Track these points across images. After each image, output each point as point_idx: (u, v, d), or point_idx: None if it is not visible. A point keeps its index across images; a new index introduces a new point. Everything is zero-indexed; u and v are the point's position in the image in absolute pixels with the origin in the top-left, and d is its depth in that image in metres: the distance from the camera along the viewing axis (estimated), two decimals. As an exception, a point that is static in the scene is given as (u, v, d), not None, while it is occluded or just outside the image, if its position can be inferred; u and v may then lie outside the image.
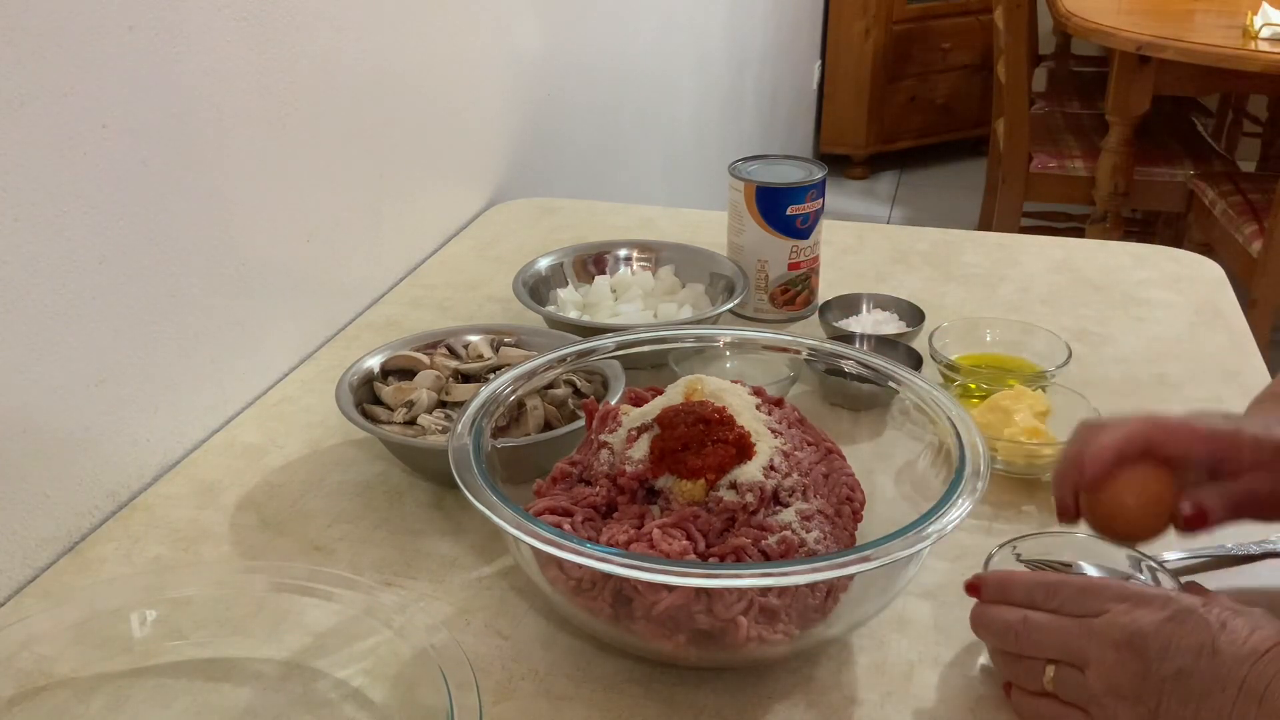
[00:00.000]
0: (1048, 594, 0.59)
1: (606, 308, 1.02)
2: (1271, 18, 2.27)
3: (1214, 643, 0.53)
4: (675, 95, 2.16)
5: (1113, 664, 0.55)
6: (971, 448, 0.63)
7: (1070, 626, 0.57)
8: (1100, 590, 0.58)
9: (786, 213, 1.01)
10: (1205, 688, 0.52)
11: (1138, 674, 0.54)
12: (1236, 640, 0.53)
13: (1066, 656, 0.57)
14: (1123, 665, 0.54)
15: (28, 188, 0.68)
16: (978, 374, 0.90)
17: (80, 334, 0.74)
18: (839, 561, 0.55)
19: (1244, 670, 0.52)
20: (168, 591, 0.65)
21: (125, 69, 0.75)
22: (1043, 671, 0.58)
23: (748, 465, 0.62)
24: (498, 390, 0.71)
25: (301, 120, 0.95)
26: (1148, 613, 0.55)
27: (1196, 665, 0.53)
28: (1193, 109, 3.08)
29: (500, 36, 1.33)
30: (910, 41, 3.80)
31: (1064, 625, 0.57)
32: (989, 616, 0.61)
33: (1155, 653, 0.54)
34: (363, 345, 0.97)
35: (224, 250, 0.87)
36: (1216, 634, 0.53)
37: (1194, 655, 0.53)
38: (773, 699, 0.62)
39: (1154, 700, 0.53)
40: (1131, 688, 0.54)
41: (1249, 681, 0.51)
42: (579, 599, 0.60)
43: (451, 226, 1.27)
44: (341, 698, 0.61)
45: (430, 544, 0.75)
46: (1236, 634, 0.53)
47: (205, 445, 0.86)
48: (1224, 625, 0.54)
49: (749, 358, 0.80)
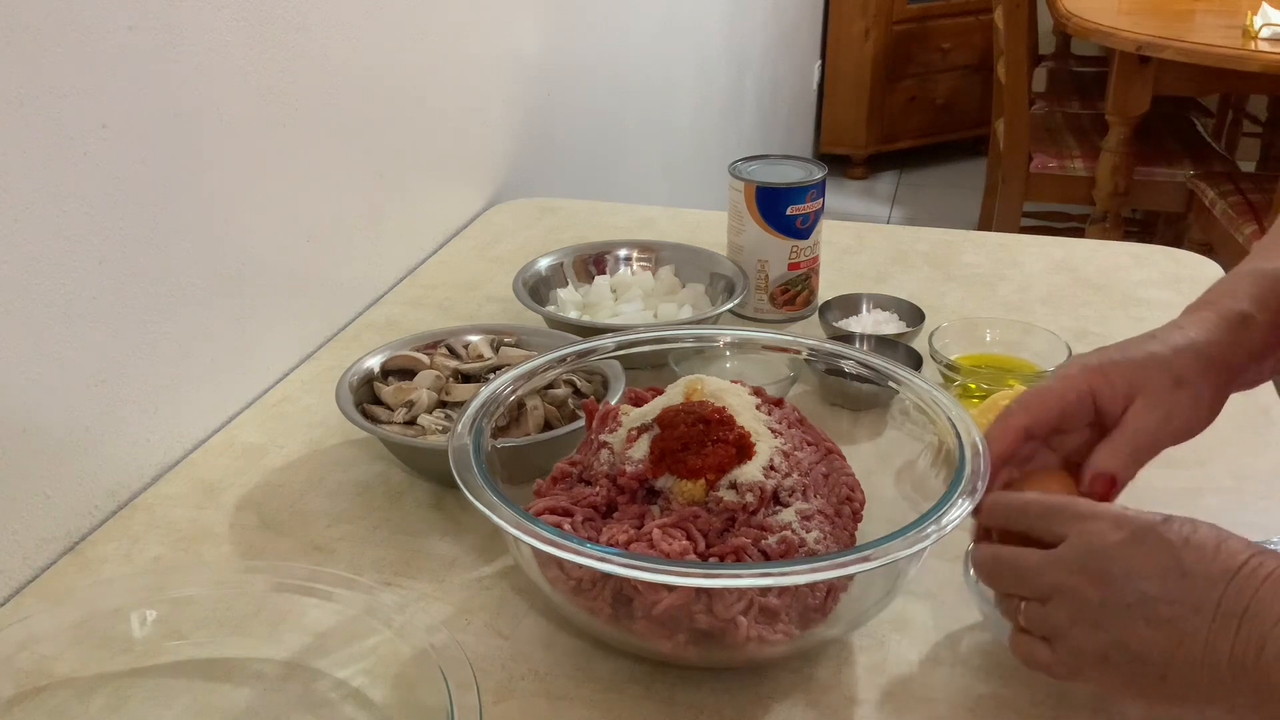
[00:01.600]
0: (1016, 515, 0.58)
1: (606, 308, 1.02)
2: (1271, 18, 2.27)
3: (1180, 564, 0.51)
4: (675, 95, 2.16)
5: (1072, 593, 0.53)
6: (971, 448, 0.63)
7: (1030, 560, 0.55)
8: (1060, 510, 0.56)
9: (786, 213, 1.01)
10: (1175, 613, 0.50)
11: (1098, 601, 0.52)
12: (1205, 558, 0.51)
13: (1031, 592, 0.55)
14: (1082, 593, 0.53)
15: (28, 188, 0.68)
16: (978, 374, 0.90)
17: (80, 334, 0.74)
18: (839, 561, 0.55)
19: (1218, 591, 0.49)
20: (168, 591, 0.65)
21: (125, 69, 0.75)
22: (1018, 608, 0.56)
23: (748, 465, 0.62)
24: (498, 390, 0.71)
25: (301, 120, 0.95)
26: (1104, 534, 0.53)
27: (1164, 589, 0.51)
28: (1193, 109, 3.08)
29: (501, 37, 1.33)
30: (910, 41, 3.80)
31: (1024, 560, 0.56)
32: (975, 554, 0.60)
33: (1117, 577, 0.52)
34: (363, 345, 0.97)
35: (224, 250, 0.87)
36: (1181, 552, 0.51)
37: (1159, 579, 0.51)
38: (773, 699, 0.62)
39: (1118, 627, 0.51)
40: (1093, 616, 0.52)
41: (1225, 602, 0.49)
42: (579, 599, 0.60)
43: (451, 226, 1.27)
44: (341, 698, 0.61)
45: (430, 544, 0.75)
46: (1204, 550, 0.51)
47: (205, 445, 0.86)
48: (1187, 541, 0.51)
49: (749, 358, 0.80)
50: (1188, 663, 0.50)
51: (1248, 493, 0.79)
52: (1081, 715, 0.61)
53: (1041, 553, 0.55)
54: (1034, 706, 0.61)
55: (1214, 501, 0.78)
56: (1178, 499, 0.78)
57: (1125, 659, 0.52)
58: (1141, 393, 0.62)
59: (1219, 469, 0.82)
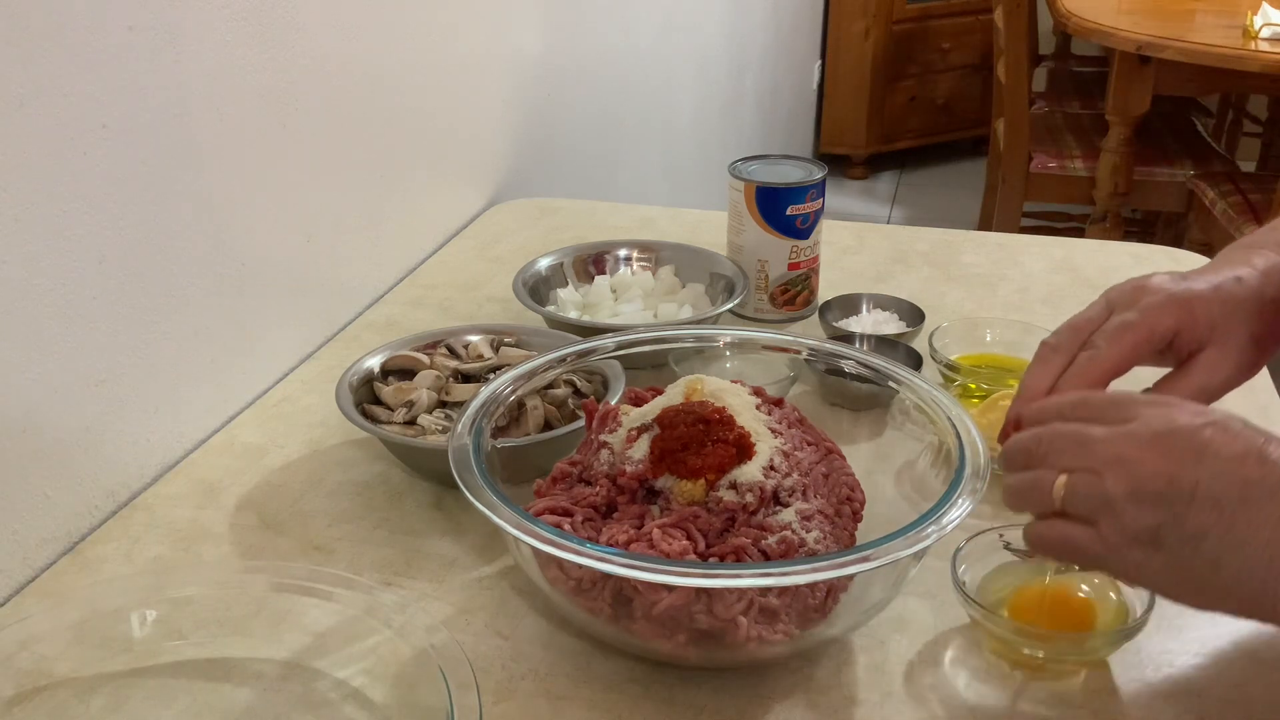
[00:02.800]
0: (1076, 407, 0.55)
1: (606, 308, 1.02)
2: (1271, 18, 2.27)
3: (1262, 450, 0.48)
4: (675, 95, 2.16)
5: (1137, 463, 0.50)
6: (971, 448, 0.63)
7: (1093, 431, 0.53)
8: (1131, 400, 0.53)
9: (786, 213, 1.01)
10: (1246, 493, 0.47)
11: (1165, 475, 0.49)
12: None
13: (1085, 462, 0.52)
14: (1149, 465, 0.50)
15: (28, 188, 0.68)
16: (978, 374, 0.90)
17: (80, 334, 0.74)
18: (839, 561, 0.55)
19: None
20: (168, 591, 0.65)
21: (125, 69, 0.75)
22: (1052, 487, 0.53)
23: (748, 465, 0.62)
24: (498, 390, 0.71)
25: (301, 120, 0.95)
26: (1185, 416, 0.51)
27: (1240, 470, 0.48)
28: (1193, 109, 3.08)
29: (501, 36, 1.33)
30: (910, 41, 3.80)
31: (1086, 430, 0.53)
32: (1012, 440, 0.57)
33: (1191, 454, 0.49)
34: (363, 345, 0.97)
35: (224, 250, 0.87)
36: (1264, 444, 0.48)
37: (1237, 460, 0.48)
38: (773, 699, 0.62)
39: (1180, 505, 0.49)
40: (1155, 490, 0.49)
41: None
42: (579, 599, 0.60)
43: (451, 226, 1.27)
44: (341, 698, 0.61)
45: (430, 544, 0.75)
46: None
47: (205, 445, 0.86)
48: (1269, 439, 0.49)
49: (749, 358, 0.80)
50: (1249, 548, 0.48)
51: (1248, 493, 0.79)
52: (1082, 715, 0.61)
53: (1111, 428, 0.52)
54: (1034, 706, 0.61)
55: (1214, 501, 0.78)
56: (1178, 499, 0.78)
57: (1178, 540, 0.49)
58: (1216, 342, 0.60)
59: (1219, 469, 0.81)
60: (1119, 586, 0.65)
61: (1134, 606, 0.63)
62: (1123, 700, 0.62)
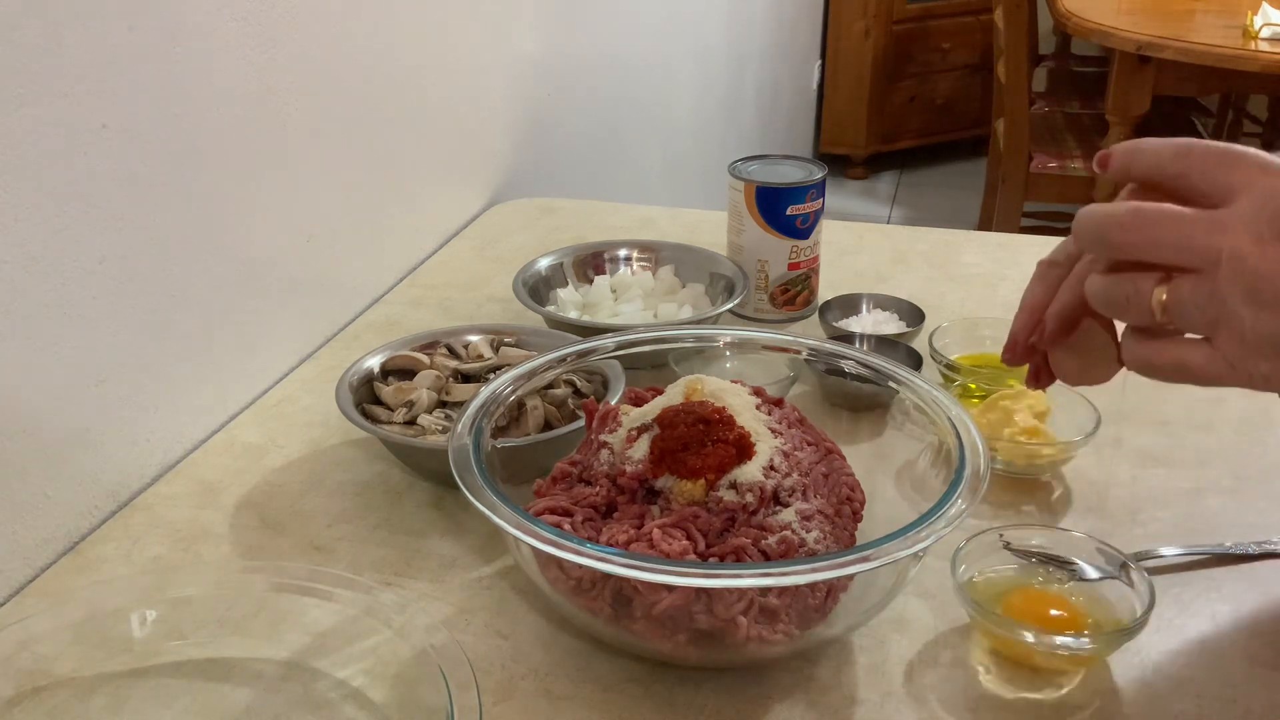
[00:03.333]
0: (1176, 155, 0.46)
1: (606, 308, 1.02)
2: (1271, 18, 2.27)
3: None
4: (675, 95, 2.16)
5: (1258, 258, 0.42)
6: (971, 448, 0.63)
7: (1194, 216, 0.44)
8: (1239, 158, 0.45)
9: (786, 213, 1.01)
10: None
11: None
12: None
13: (1189, 258, 0.44)
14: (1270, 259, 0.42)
15: (28, 188, 0.68)
16: (978, 374, 0.90)
17: (80, 334, 0.74)
18: (839, 561, 0.55)
19: None
20: (168, 591, 0.65)
21: (125, 69, 0.75)
22: (1150, 295, 0.45)
23: (748, 465, 0.62)
24: (498, 390, 0.71)
25: (301, 120, 0.95)
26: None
27: None
28: (1193, 109, 3.08)
29: (500, 36, 1.33)
30: (910, 41, 3.80)
31: (1185, 214, 0.44)
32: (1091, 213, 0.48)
33: None
34: (363, 345, 0.97)
35: (224, 250, 0.87)
36: None
37: None
38: (773, 699, 0.62)
39: None
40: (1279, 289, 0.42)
41: None
42: (579, 599, 0.60)
43: (451, 226, 1.27)
44: (341, 698, 0.61)
45: (430, 544, 0.75)
46: None
47: (205, 445, 0.86)
48: None
49: (749, 358, 0.80)
50: None
51: (1247, 493, 0.79)
52: (1082, 715, 0.61)
53: (1212, 211, 0.44)
54: (1035, 707, 0.61)
55: (1214, 502, 0.78)
56: (1178, 499, 0.78)
57: None
58: None
59: (1219, 469, 0.82)
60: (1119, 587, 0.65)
61: (1134, 606, 0.63)
62: (1123, 700, 0.62)
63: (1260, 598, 0.69)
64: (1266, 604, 0.68)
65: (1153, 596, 0.62)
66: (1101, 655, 0.63)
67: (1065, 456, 0.80)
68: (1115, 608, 0.64)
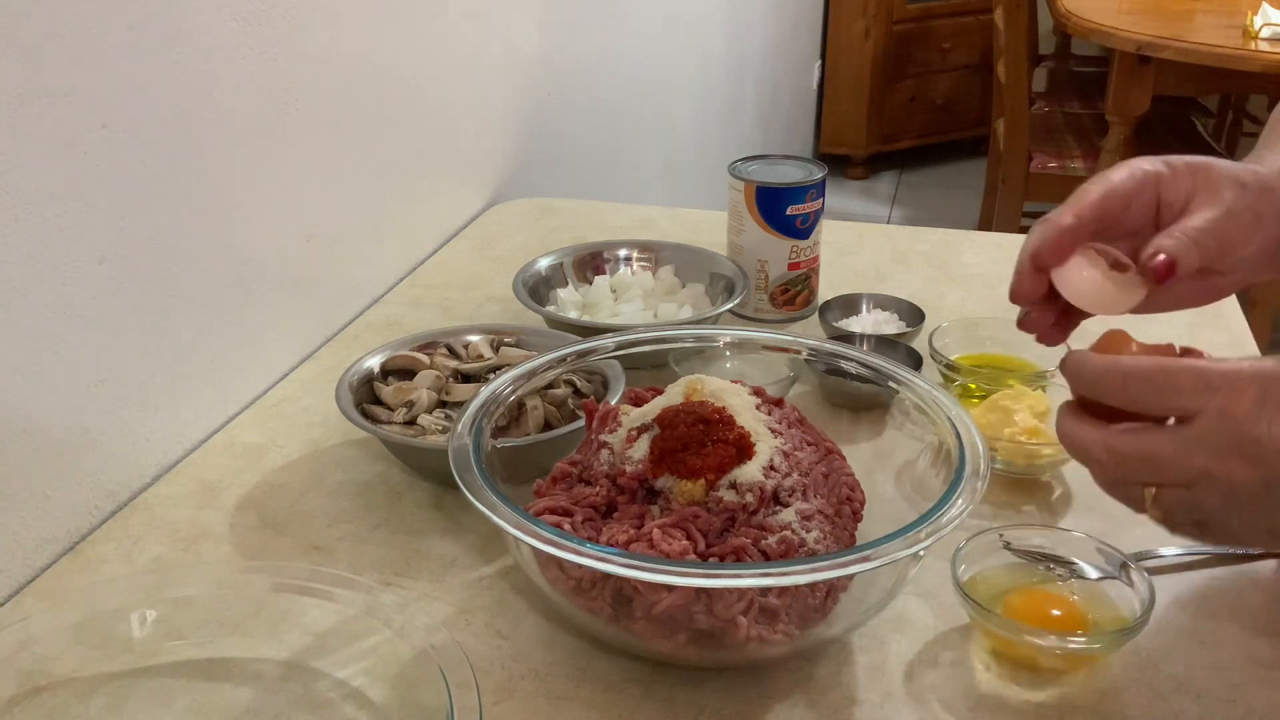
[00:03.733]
0: (1121, 385, 0.52)
1: (606, 308, 1.02)
2: (1271, 18, 2.27)
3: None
4: (675, 95, 2.16)
5: (1224, 479, 0.49)
6: (971, 448, 0.63)
7: (1165, 449, 0.50)
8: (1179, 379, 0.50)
9: (786, 213, 1.01)
10: None
11: (1256, 482, 0.48)
12: None
13: (1172, 480, 0.51)
14: (1237, 476, 0.48)
15: (28, 188, 0.68)
16: (978, 374, 0.90)
17: (80, 334, 0.74)
18: (839, 561, 0.55)
19: None
20: (168, 591, 0.65)
21: (125, 69, 0.75)
22: (1142, 495, 0.52)
23: (748, 465, 0.62)
24: (498, 390, 0.71)
25: (301, 120, 0.95)
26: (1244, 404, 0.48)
27: None
28: (1193, 109, 3.08)
29: (500, 36, 1.33)
30: (910, 41, 3.80)
31: (1159, 450, 0.50)
32: (1070, 438, 0.55)
33: (1272, 456, 0.47)
34: (363, 345, 0.97)
35: (224, 250, 0.87)
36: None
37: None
38: (773, 699, 0.62)
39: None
40: (1253, 496, 0.48)
41: None
42: (579, 599, 0.60)
43: (451, 226, 1.27)
44: (341, 698, 0.61)
45: (430, 544, 0.75)
46: None
47: (205, 445, 0.86)
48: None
49: (749, 358, 0.80)
50: None
51: (1248, 493, 0.79)
52: (1082, 715, 0.61)
53: (1174, 438, 0.50)
54: (1034, 707, 0.61)
55: (1214, 501, 0.78)
56: (1178, 499, 0.78)
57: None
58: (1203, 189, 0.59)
59: (1219, 469, 0.81)
60: (1119, 586, 0.65)
61: (1134, 606, 0.63)
62: (1123, 700, 0.62)
63: (1260, 598, 0.69)
64: (1266, 604, 0.68)
65: (1153, 596, 0.62)
66: (1101, 655, 0.63)
67: (1065, 456, 0.80)
68: (1115, 608, 0.64)
